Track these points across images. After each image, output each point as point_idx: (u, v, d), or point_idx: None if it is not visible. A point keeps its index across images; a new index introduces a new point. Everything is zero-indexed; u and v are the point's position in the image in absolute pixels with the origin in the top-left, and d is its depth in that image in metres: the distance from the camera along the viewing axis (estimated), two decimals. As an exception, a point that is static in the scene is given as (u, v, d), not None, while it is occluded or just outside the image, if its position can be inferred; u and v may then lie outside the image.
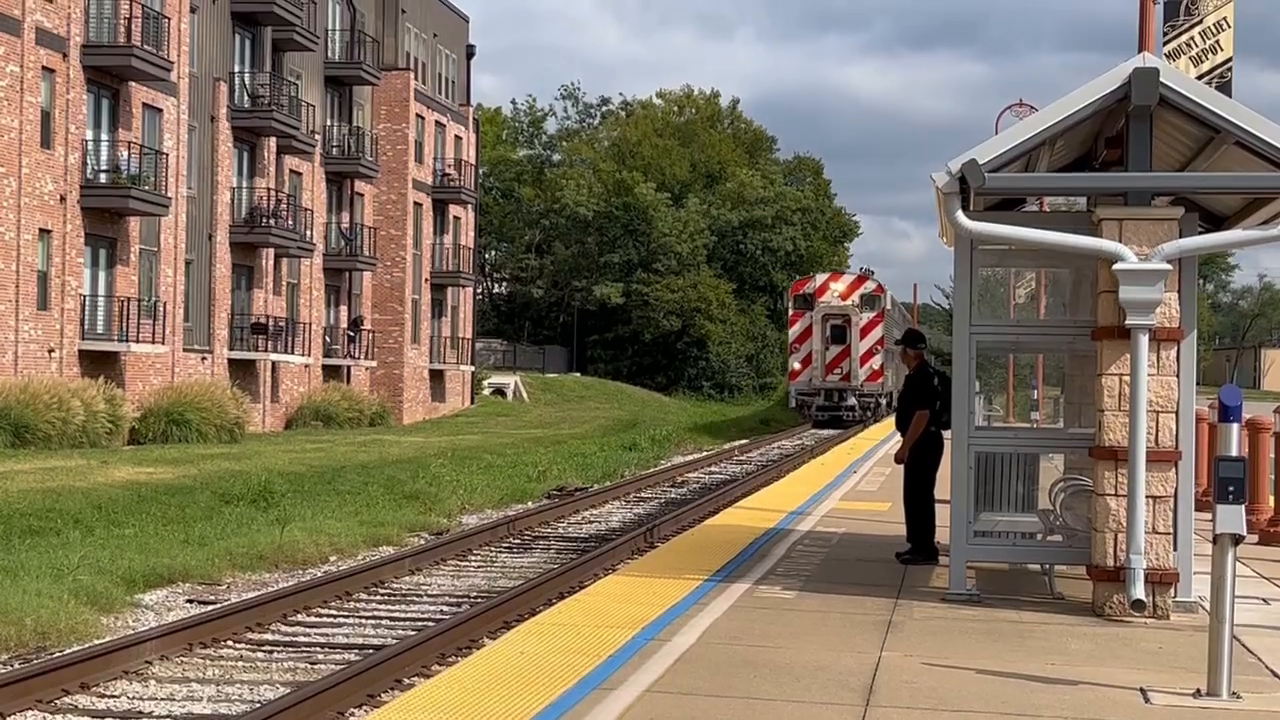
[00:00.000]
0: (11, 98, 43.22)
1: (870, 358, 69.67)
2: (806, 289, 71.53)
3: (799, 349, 70.56)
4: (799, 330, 70.49)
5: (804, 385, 70.14)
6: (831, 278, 72.82)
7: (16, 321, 43.37)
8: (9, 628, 15.17)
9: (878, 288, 71.41)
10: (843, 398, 69.68)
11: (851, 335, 69.48)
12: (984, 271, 15.48)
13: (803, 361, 70.16)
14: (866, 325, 69.78)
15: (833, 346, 69.67)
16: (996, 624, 13.17)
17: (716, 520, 22.25)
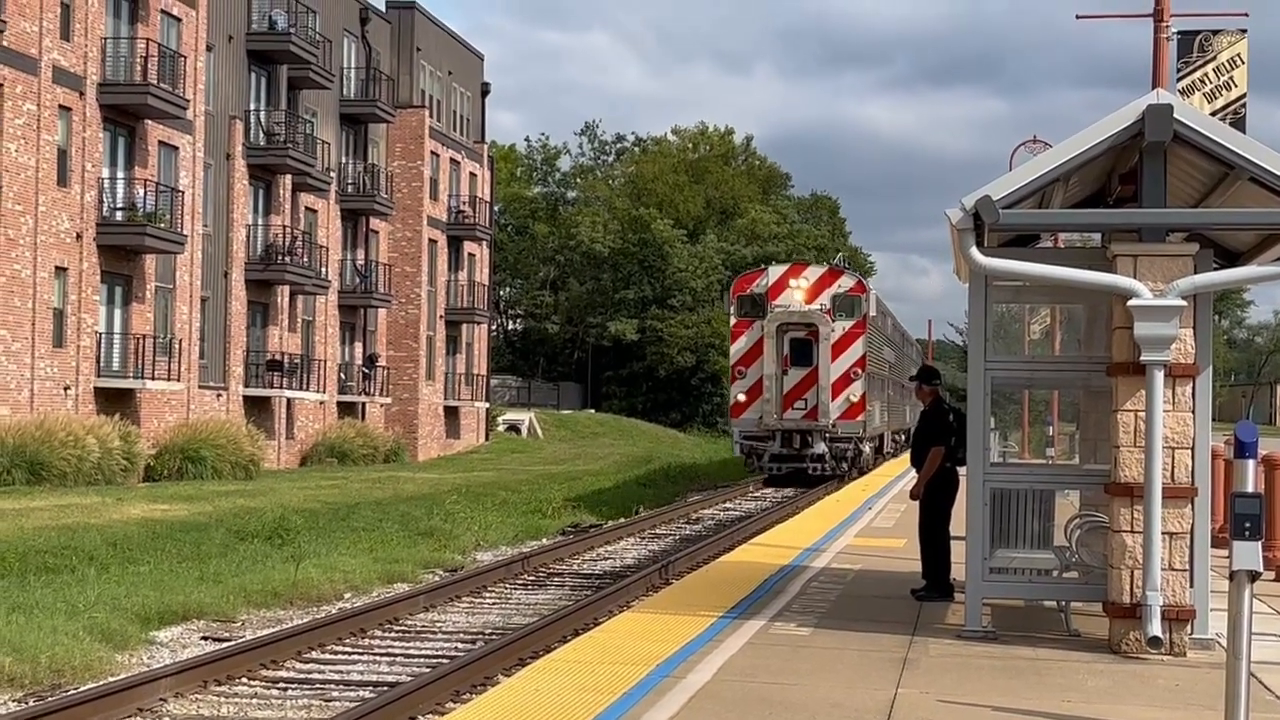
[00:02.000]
0: (29, 136, 43.40)
1: (846, 385, 48.39)
2: (755, 287, 49.54)
3: (744, 373, 48.69)
4: (744, 347, 48.73)
5: (751, 425, 48.53)
6: (791, 272, 50.26)
7: (32, 359, 43.46)
8: (24, 665, 15.17)
9: (856, 285, 50.06)
10: (807, 442, 48.32)
11: (820, 353, 48.11)
12: (999, 307, 15.48)
13: (749, 391, 48.40)
14: (841, 339, 48.44)
15: (793, 370, 48.38)
16: (1012, 661, 13.11)
17: (731, 557, 22.21)
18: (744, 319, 48.96)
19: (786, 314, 48.20)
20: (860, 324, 48.96)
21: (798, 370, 48.30)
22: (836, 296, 49.15)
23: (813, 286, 49.06)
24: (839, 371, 48.20)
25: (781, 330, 48.22)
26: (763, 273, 50.47)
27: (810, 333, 48.19)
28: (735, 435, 49.89)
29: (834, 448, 48.25)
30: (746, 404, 48.29)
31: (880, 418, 55.77)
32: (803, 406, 48.23)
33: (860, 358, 48.63)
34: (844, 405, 48.19)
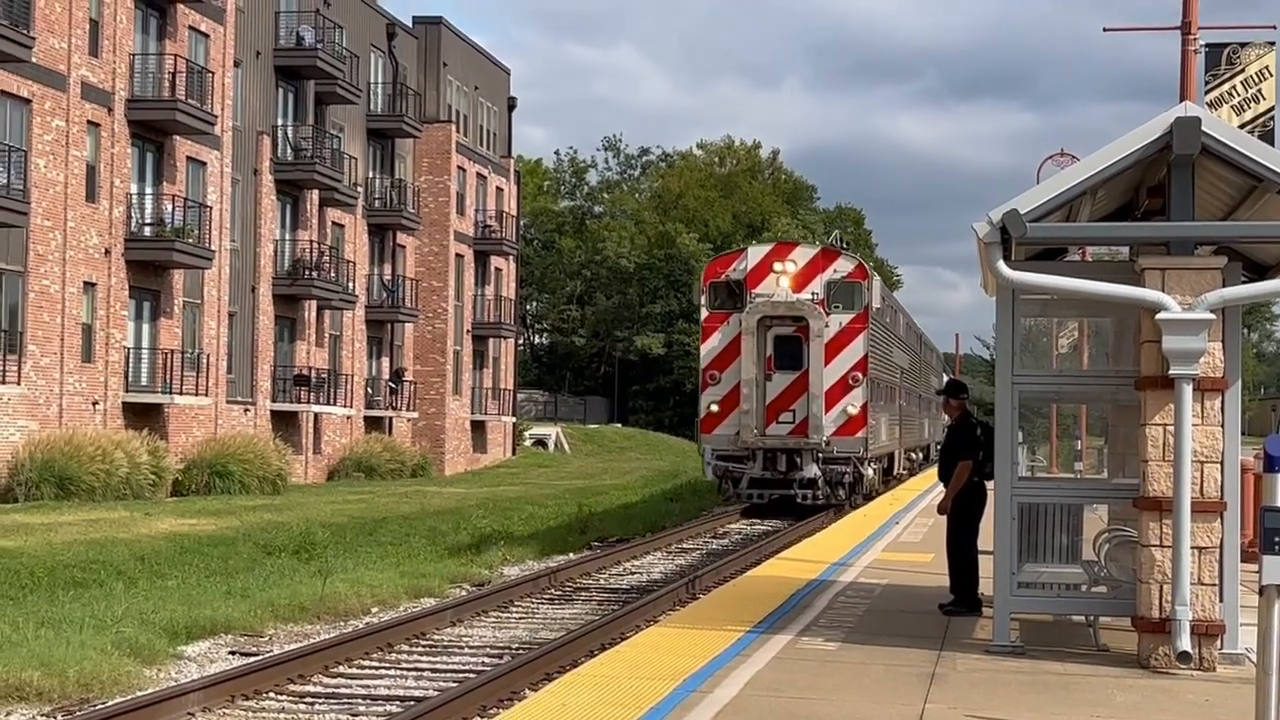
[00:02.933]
0: (57, 152, 43.58)
1: (843, 393, 40.17)
2: (731, 272, 41.06)
3: (717, 378, 40.39)
4: (717, 346, 40.59)
5: (726, 443, 40.15)
6: (775, 253, 41.57)
7: (61, 374, 43.61)
8: (52, 679, 15.20)
9: (856, 270, 41.42)
10: (795, 464, 39.95)
11: (810, 354, 39.99)
12: (1026, 321, 15.44)
13: (724, 401, 40.23)
14: (838, 336, 40.32)
15: (777, 374, 40.30)
16: (1041, 676, 13.07)
17: (758, 571, 22.18)
18: (717, 311, 40.40)
19: (769, 305, 39.58)
20: (861, 317, 40.41)
21: (784, 375, 39.89)
22: (832, 284, 40.35)
23: (802, 271, 40.30)
24: (835, 376, 39.80)
25: (763, 325, 39.81)
26: (740, 255, 41.63)
27: (799, 328, 39.89)
28: (706, 455, 40.48)
29: (829, 470, 39.59)
30: (720, 416, 39.92)
31: (888, 433, 47.10)
32: (790, 420, 39.80)
33: (861, 359, 40.17)
34: (841, 418, 39.76)
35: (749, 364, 39.48)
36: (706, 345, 40.51)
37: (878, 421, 43.10)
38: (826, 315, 39.85)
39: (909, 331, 58.80)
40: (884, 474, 47.09)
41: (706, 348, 40.50)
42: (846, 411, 39.86)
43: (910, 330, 59.76)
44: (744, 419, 39.53)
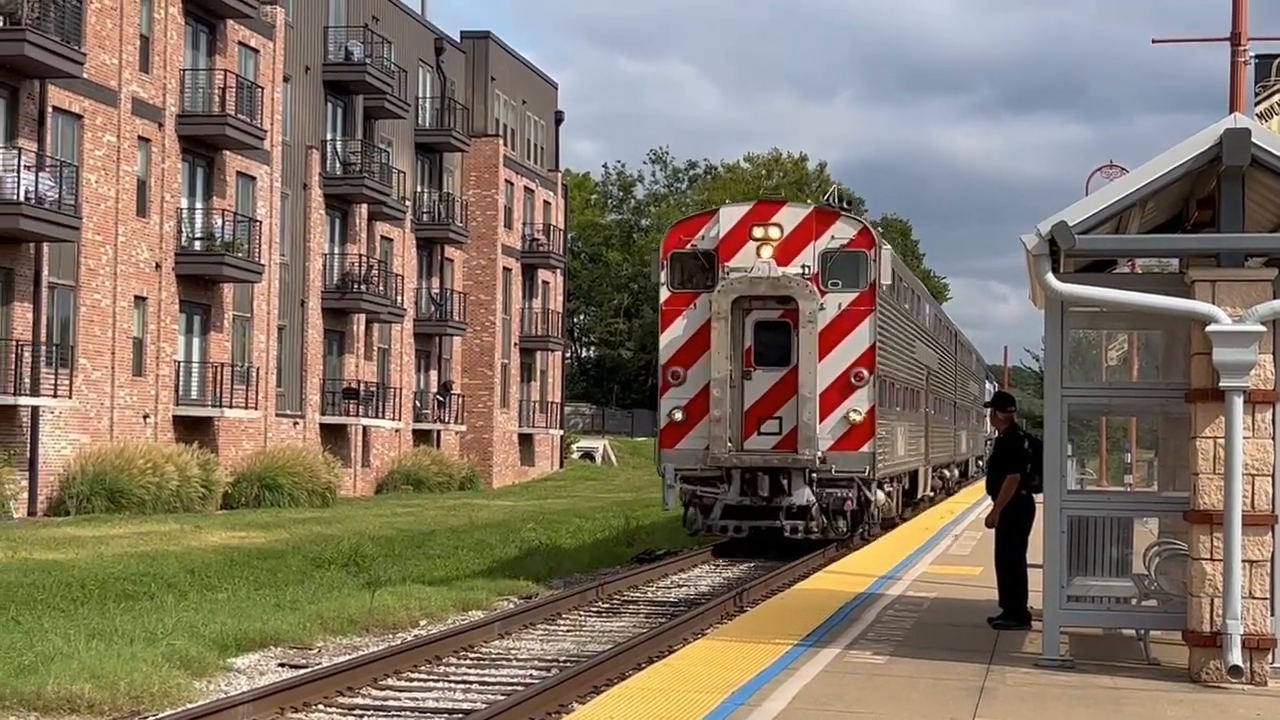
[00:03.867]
0: (109, 167, 43.89)
1: (844, 394, 31.23)
2: (700, 240, 32.01)
3: (681, 378, 31.54)
4: (682, 336, 31.75)
5: (693, 460, 31.18)
6: (755, 214, 32.05)
7: (112, 387, 43.89)
8: (103, 691, 15.29)
9: (860, 236, 31.98)
10: (781, 487, 30.94)
11: (801, 345, 30.98)
12: (1076, 333, 15.38)
13: (690, 407, 31.39)
14: (837, 322, 31.36)
15: (759, 372, 31.48)
16: (1091, 690, 13.00)
17: (806, 584, 22.14)
18: (681, 291, 31.57)
19: (748, 282, 30.73)
20: (866, 297, 31.25)
21: (766, 372, 31.10)
22: (829, 254, 31.21)
23: (790, 238, 31.07)
24: (833, 373, 30.86)
25: (740, 308, 30.94)
26: (710, 217, 32.24)
27: (786, 312, 31.02)
28: (667, 476, 30.97)
29: (825, 495, 30.69)
30: (685, 426, 31.00)
31: (908, 446, 37.48)
32: (775, 430, 30.94)
33: (866, 351, 31.08)
34: (840, 428, 30.75)
35: (721, 358, 30.39)
36: (667, 335, 31.52)
37: (891, 432, 33.72)
38: (822, 295, 30.73)
39: (939, 326, 49.87)
40: (904, 497, 38.29)
41: (667, 338, 31.50)
42: (848, 419, 30.65)
43: (941, 325, 50.99)
44: (715, 429, 30.32)
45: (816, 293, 30.75)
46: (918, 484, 41.15)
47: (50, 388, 40.46)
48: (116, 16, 44.21)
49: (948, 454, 51.81)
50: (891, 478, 34.77)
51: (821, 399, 30.64)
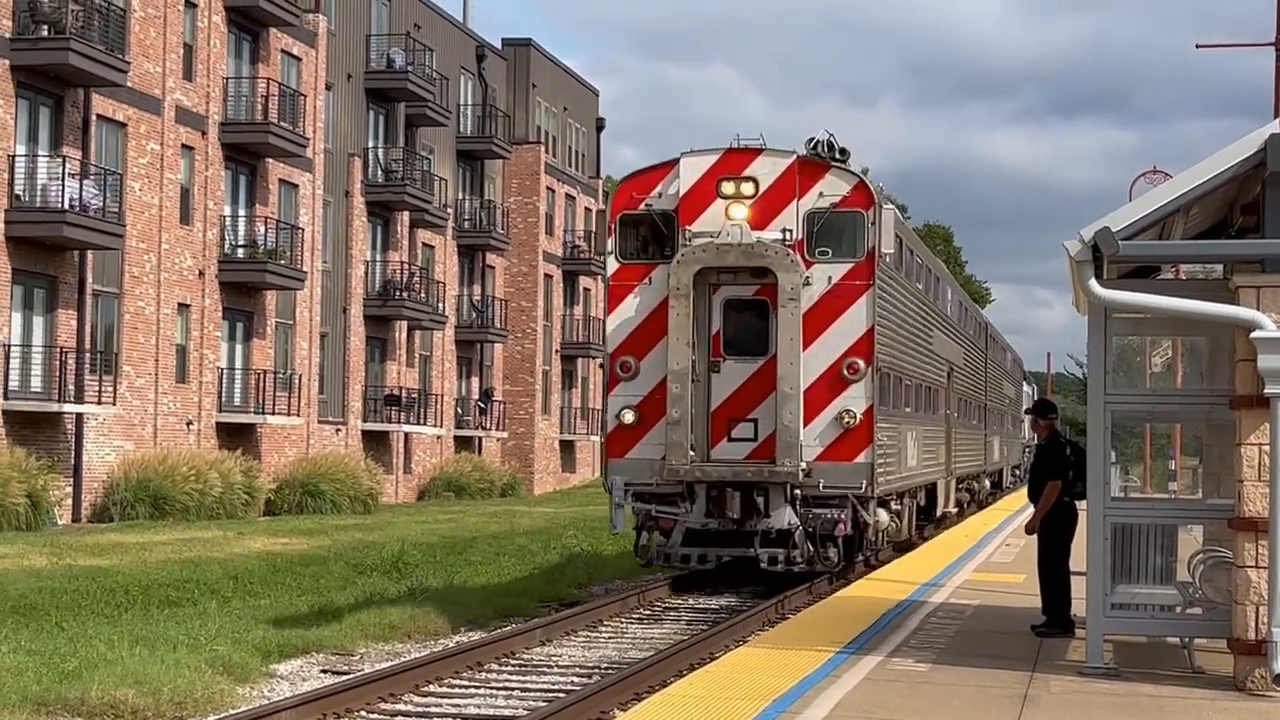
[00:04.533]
0: (152, 175, 44.11)
1: (835, 391, 24.95)
2: (656, 198, 25.76)
3: (631, 369, 25.44)
4: (634, 318, 25.66)
5: (646, 471, 25.06)
6: (724, 164, 25.34)
7: (156, 394, 44.10)
8: (146, 697, 15.35)
9: (856, 193, 25.36)
10: (756, 505, 24.78)
11: (780, 329, 24.85)
12: (1119, 340, 15.31)
13: (642, 406, 25.30)
14: (827, 300, 25.01)
15: (730, 362, 25.46)
16: (1135, 698, 12.94)
17: (848, 591, 22.09)
18: (633, 263, 25.45)
19: (714, 251, 24.64)
20: (863, 269, 24.90)
21: (738, 363, 25.16)
22: (816, 215, 24.91)
23: (768, 195, 24.94)
24: (821, 364, 24.70)
25: (706, 283, 25.02)
26: (669, 169, 25.51)
27: (763, 288, 24.95)
28: (615, 491, 24.76)
29: (811, 517, 24.49)
30: (637, 430, 25.07)
31: (921, 455, 31.12)
32: (748, 435, 25.05)
33: (863, 337, 24.74)
34: (831, 432, 24.69)
35: (681, 345, 24.43)
36: (615, 316, 25.47)
37: (899, 438, 27.86)
38: (807, 266, 24.62)
39: (965, 317, 43.58)
40: (918, 515, 32.18)
41: (615, 320, 25.45)
42: (840, 421, 24.54)
43: (968, 316, 44.87)
44: (674, 434, 24.37)
45: (800, 263, 24.47)
46: (937, 499, 34.80)
47: (94, 395, 40.67)
48: (160, 25, 44.45)
49: (976, 463, 45.47)
50: (900, 493, 28.39)
51: (807, 396, 24.38)
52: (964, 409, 41.24)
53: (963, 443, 40.58)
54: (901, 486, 28.51)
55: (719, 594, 25.99)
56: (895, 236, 25.98)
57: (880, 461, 25.03)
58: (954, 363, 38.09)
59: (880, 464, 25.03)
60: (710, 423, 25.14)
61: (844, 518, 24.54)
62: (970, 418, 43.29)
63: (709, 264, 24.68)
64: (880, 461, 25.03)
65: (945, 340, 36.28)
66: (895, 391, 27.42)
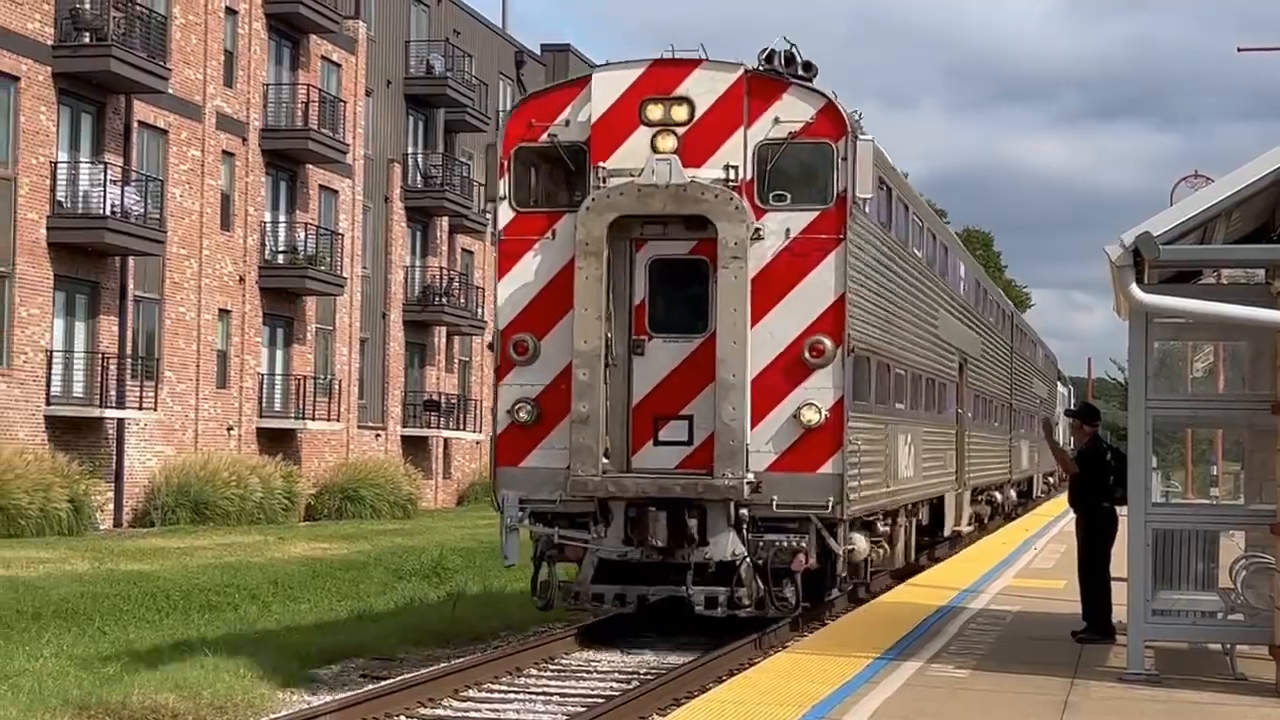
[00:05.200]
0: (193, 181, 44.32)
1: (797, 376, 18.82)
2: (560, 126, 19.43)
3: (528, 349, 19.40)
4: (533, 284, 19.48)
5: (546, 485, 19.16)
6: (649, 80, 19.17)
7: (197, 400, 44.29)
8: (187, 701, 15.41)
9: (823, 117, 19.05)
10: (687, 530, 18.57)
11: (721, 297, 18.73)
12: (1160, 345, 15.25)
13: (542, 399, 19.31)
14: (784, 259, 18.88)
15: (657, 342, 19.31)
16: (1176, 705, 12.87)
17: (888, 597, 22.04)
18: (530, 212, 19.73)
19: (637, 195, 18.97)
20: (833, 219, 19.13)
21: (668, 343, 19.47)
22: (771, 148, 19.20)
23: (706, 122, 19.21)
24: (776, 344, 19.04)
25: (626, 239, 19.40)
26: (578, 88, 19.80)
27: (700, 245, 19.29)
28: (507, 511, 19.55)
29: (762, 546, 18.93)
30: (537, 432, 19.52)
31: (920, 462, 25.20)
32: (680, 437, 19.38)
33: (831, 308, 19.04)
34: (788, 433, 18.91)
35: (591, 320, 18.79)
36: (509, 283, 19.67)
37: (884, 440, 21.75)
38: (758, 214, 18.94)
39: (983, 299, 37.12)
40: (918, 536, 26.32)
41: (508, 288, 19.67)
42: (800, 419, 18.71)
43: (988, 299, 38.39)
44: (582, 436, 18.79)
45: (749, 211, 18.71)
46: (945, 515, 28.62)
47: (135, 400, 40.86)
48: (201, 32, 44.66)
49: (998, 471, 39.25)
50: (888, 512, 22.45)
51: (756, 386, 18.71)
52: (982, 408, 35.56)
53: (981, 448, 34.70)
54: (890, 503, 22.32)
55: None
56: (878, 180, 20.74)
57: (855, 472, 19.14)
58: (968, 353, 32.25)
59: (855, 475, 19.13)
60: (631, 421, 19.26)
61: (805, 546, 18.73)
62: (991, 419, 37.47)
63: (629, 211, 18.81)
64: (855, 472, 19.14)
65: (955, 324, 30.39)
66: (879, 382, 21.40)
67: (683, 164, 18.93)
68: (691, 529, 18.62)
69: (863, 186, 19.02)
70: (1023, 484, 47.77)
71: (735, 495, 18.51)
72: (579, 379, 18.83)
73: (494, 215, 19.90)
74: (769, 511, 18.73)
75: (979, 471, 34.43)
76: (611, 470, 18.97)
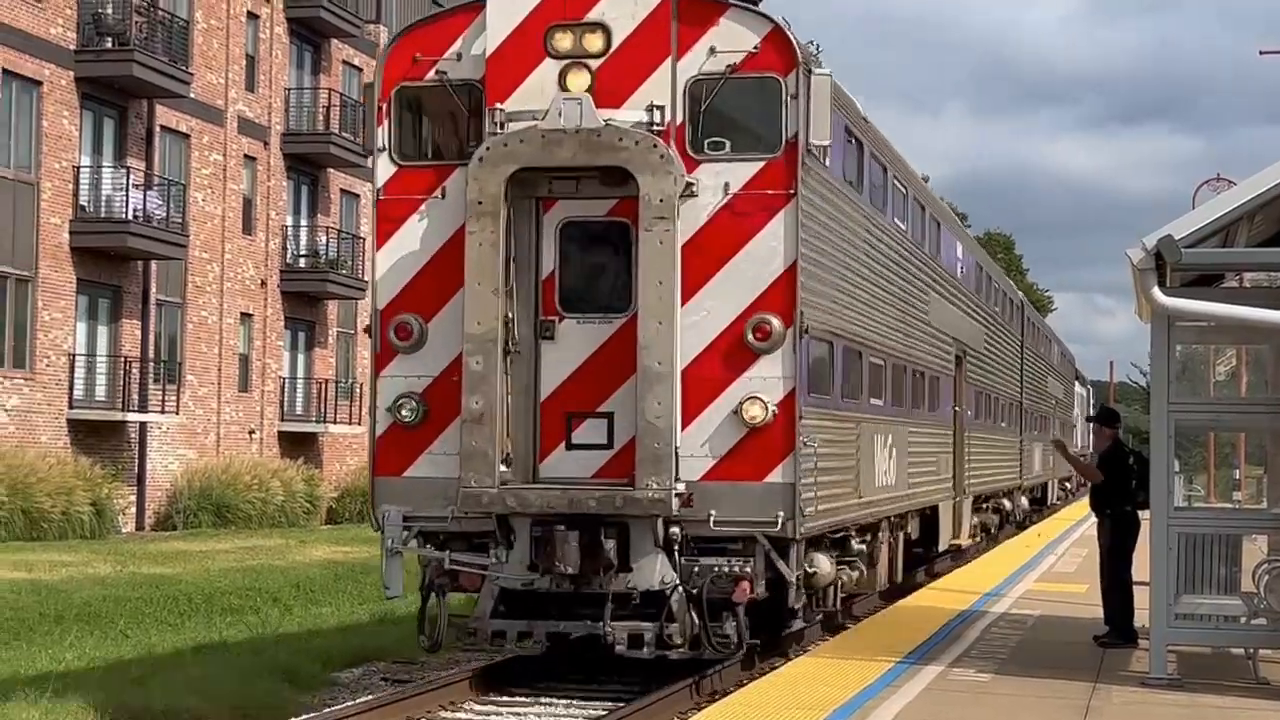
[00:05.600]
0: (215, 185, 44.42)
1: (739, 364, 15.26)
2: (451, 61, 16.01)
3: (411, 332, 15.79)
4: (414, 255, 15.93)
5: (434, 498, 15.61)
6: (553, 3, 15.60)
7: (219, 403, 44.39)
8: (209, 704, 15.44)
9: (769, 47, 15.39)
10: (605, 552, 14.93)
11: (643, 268, 15.03)
12: (1183, 348, 15.22)
13: (430, 395, 15.72)
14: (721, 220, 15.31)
15: (568, 324, 15.73)
16: (1199, 709, 12.83)
17: (908, 601, 22.00)
18: (415, 166, 16.32)
19: (539, 144, 15.32)
20: (780, 171, 15.46)
21: (582, 325, 15.90)
22: (704, 84, 15.56)
23: (625, 53, 15.62)
24: (712, 326, 15.45)
25: (531, 198, 15.82)
26: (475, 15, 16.03)
27: (621, 204, 15.60)
28: (388, 530, 16.02)
29: (698, 574, 15.20)
30: (423, 435, 15.99)
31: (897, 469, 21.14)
32: (597, 439, 15.78)
33: (780, 279, 15.38)
34: (727, 434, 15.31)
35: (486, 296, 15.40)
36: (389, 252, 16.24)
37: (855, 442, 18.34)
38: (690, 167, 15.53)
39: (987, 285, 33.11)
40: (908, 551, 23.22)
41: (389, 258, 16.22)
42: (742, 416, 15.34)
43: (991, 284, 34.21)
44: (475, 438, 15.36)
45: (678, 161, 15.20)
46: (940, 528, 25.36)
47: (158, 404, 40.97)
48: (223, 37, 44.78)
49: (1007, 477, 35.78)
50: (862, 527, 18.87)
51: (688, 377, 15.28)
52: (986, 407, 31.77)
53: (984, 450, 31.11)
54: (864, 516, 18.79)
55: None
56: (844, 130, 17.56)
57: (811, 480, 15.62)
58: (968, 344, 28.60)
59: (811, 484, 15.63)
60: (539, 420, 15.82)
61: (749, 571, 15.19)
62: (997, 419, 33.78)
63: (532, 163, 15.31)
64: (811, 480, 15.62)
65: (951, 311, 26.72)
66: (847, 372, 17.92)
67: (597, 105, 15.30)
68: (609, 552, 15.00)
69: (819, 131, 15.41)
70: (1036, 490, 44.81)
71: (662, 510, 14.91)
72: (471, 369, 15.25)
73: (373, 171, 16.35)
74: (705, 530, 15.20)
75: (983, 477, 30.91)
76: (513, 480, 15.45)
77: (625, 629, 15.12)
